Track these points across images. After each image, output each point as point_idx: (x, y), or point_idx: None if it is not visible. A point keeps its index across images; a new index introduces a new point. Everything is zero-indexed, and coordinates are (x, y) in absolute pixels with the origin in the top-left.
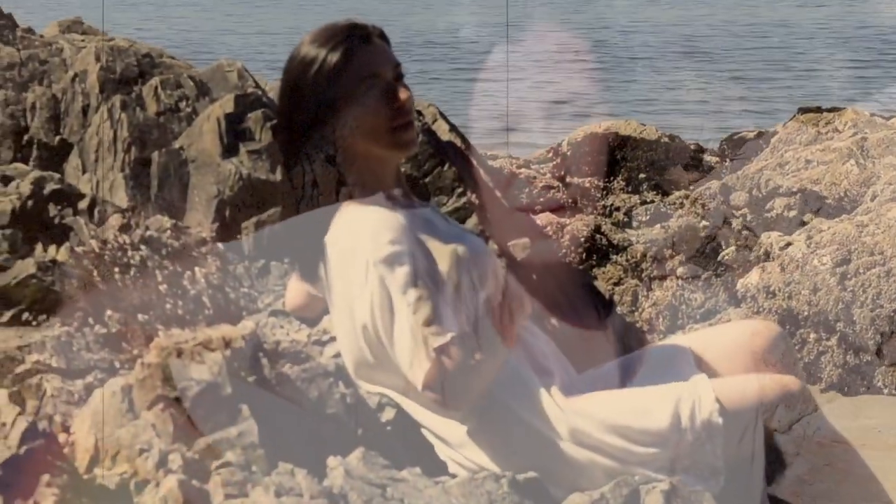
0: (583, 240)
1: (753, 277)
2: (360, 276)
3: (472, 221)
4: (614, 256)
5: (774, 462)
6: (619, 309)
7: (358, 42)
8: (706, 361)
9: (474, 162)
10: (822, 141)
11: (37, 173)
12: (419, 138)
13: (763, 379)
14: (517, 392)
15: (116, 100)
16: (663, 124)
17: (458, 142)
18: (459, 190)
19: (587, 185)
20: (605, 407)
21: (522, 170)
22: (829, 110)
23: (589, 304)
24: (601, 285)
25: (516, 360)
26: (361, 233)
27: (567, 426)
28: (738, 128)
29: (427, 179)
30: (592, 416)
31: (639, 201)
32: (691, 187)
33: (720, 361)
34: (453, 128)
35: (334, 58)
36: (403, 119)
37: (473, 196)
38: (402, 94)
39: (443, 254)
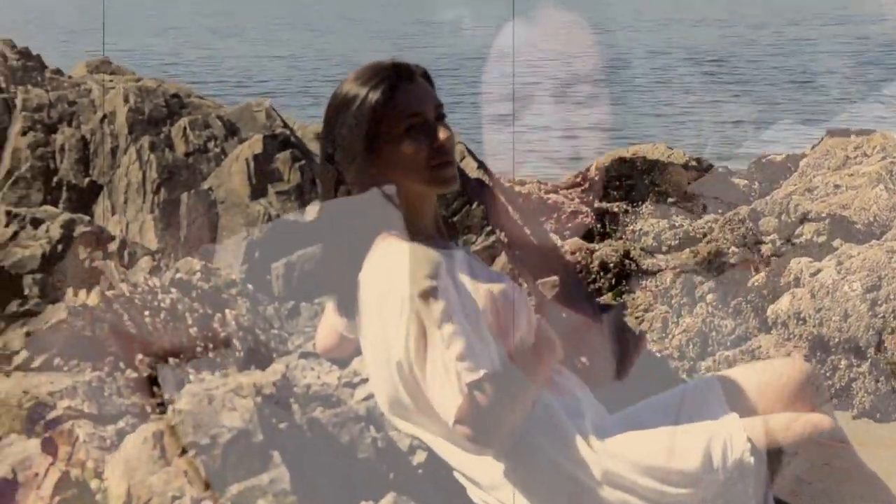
0: (612, 265)
1: (784, 304)
2: (395, 310)
3: (502, 260)
4: (644, 282)
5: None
6: (649, 336)
7: (400, 81)
8: (737, 400)
9: (503, 199)
10: (851, 165)
11: (66, 216)
12: (458, 177)
13: (795, 418)
14: (550, 434)
15: (145, 141)
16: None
17: (486, 179)
18: (488, 228)
19: (615, 209)
20: (637, 448)
21: (550, 195)
22: (858, 133)
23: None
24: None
25: (548, 402)
26: (398, 267)
27: (600, 468)
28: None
29: (456, 218)
30: (625, 457)
31: (668, 226)
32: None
33: (751, 400)
34: (481, 165)
35: (375, 95)
36: (442, 158)
37: (502, 234)
38: (443, 134)
39: (477, 293)
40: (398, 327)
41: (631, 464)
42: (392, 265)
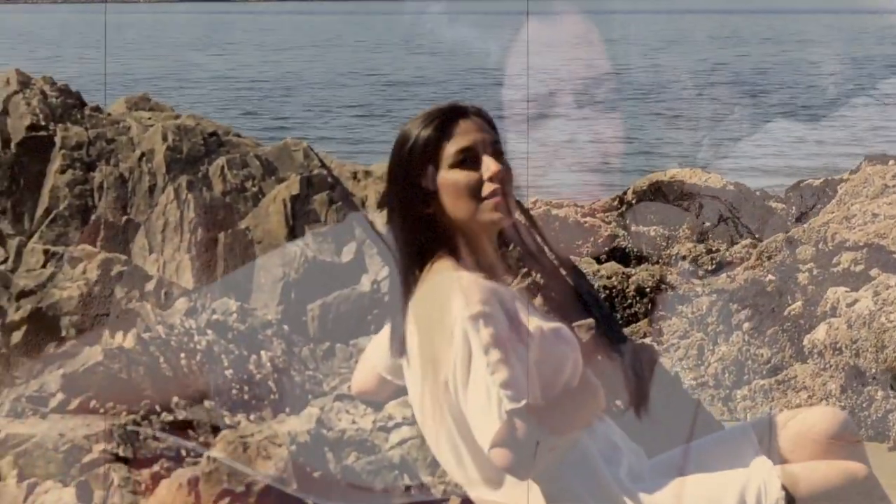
0: (648, 290)
1: (820, 333)
2: (447, 330)
3: (538, 302)
4: (680, 308)
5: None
6: (684, 363)
7: (452, 118)
8: (772, 448)
9: (539, 240)
10: (889, 194)
11: (104, 255)
12: (513, 211)
13: (829, 466)
14: (586, 481)
15: (183, 180)
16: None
17: (523, 220)
18: (524, 270)
19: (652, 233)
20: (671, 495)
21: (587, 218)
22: None
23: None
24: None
25: (586, 448)
26: (452, 290)
27: None
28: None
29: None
30: None
31: (704, 250)
32: (756, 236)
33: (786, 448)
34: (518, 205)
35: (427, 133)
36: (492, 189)
37: (538, 276)
38: (493, 166)
39: (530, 327)
40: (449, 346)
41: None
42: (446, 288)
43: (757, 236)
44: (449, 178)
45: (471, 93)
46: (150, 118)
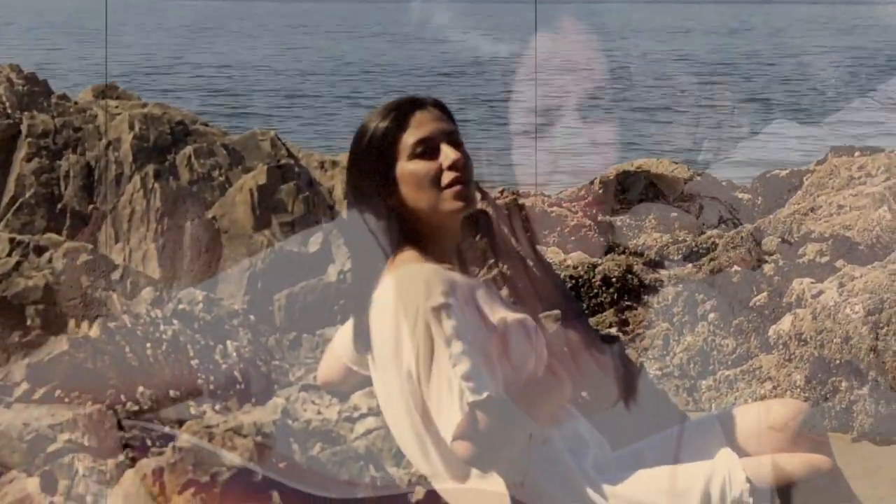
0: (614, 280)
1: (785, 324)
2: (410, 322)
3: (504, 293)
4: (646, 298)
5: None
6: (650, 353)
7: (408, 110)
8: (736, 440)
9: (506, 231)
10: (855, 185)
11: (70, 244)
12: (474, 199)
13: (793, 458)
14: (550, 471)
15: (150, 169)
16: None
17: (489, 210)
18: (491, 261)
19: (619, 223)
20: (636, 487)
21: (554, 208)
22: (863, 152)
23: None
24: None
25: (551, 439)
26: (415, 282)
27: None
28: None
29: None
30: (624, 496)
31: (670, 240)
32: (722, 226)
33: (750, 440)
34: (485, 195)
35: (384, 125)
36: (451, 178)
37: (505, 267)
38: (451, 155)
39: (493, 319)
40: (411, 338)
41: (630, 503)
42: (409, 281)
43: (723, 225)
44: (408, 169)
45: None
46: (117, 107)
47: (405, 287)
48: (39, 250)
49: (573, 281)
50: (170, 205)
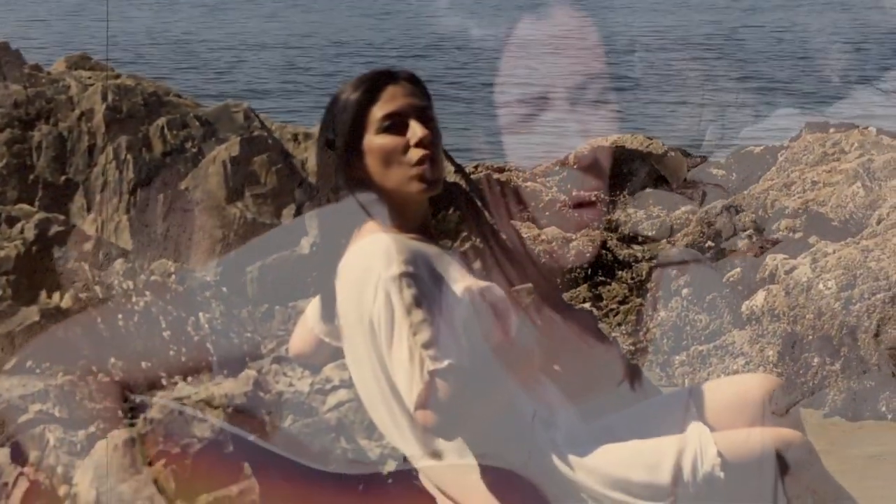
0: (588, 255)
1: (758, 300)
2: (370, 292)
3: (477, 266)
4: (620, 273)
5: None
6: (623, 328)
7: (380, 83)
8: (708, 414)
9: (479, 204)
10: (829, 162)
11: (42, 215)
12: (440, 178)
13: (764, 432)
14: (520, 443)
15: (122, 140)
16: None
17: (463, 184)
18: (464, 234)
19: (593, 199)
20: (607, 460)
21: (528, 183)
22: (837, 128)
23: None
24: (605, 304)
25: (521, 411)
26: (376, 251)
27: (570, 481)
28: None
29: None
30: (595, 469)
31: (644, 216)
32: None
33: (722, 414)
34: (459, 169)
35: (355, 97)
36: (418, 154)
37: (478, 240)
38: (419, 132)
39: (457, 288)
40: (373, 307)
41: (601, 476)
42: (371, 250)
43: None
44: (375, 143)
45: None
46: (89, 77)
47: (366, 256)
48: (11, 221)
49: (547, 256)
50: (142, 176)
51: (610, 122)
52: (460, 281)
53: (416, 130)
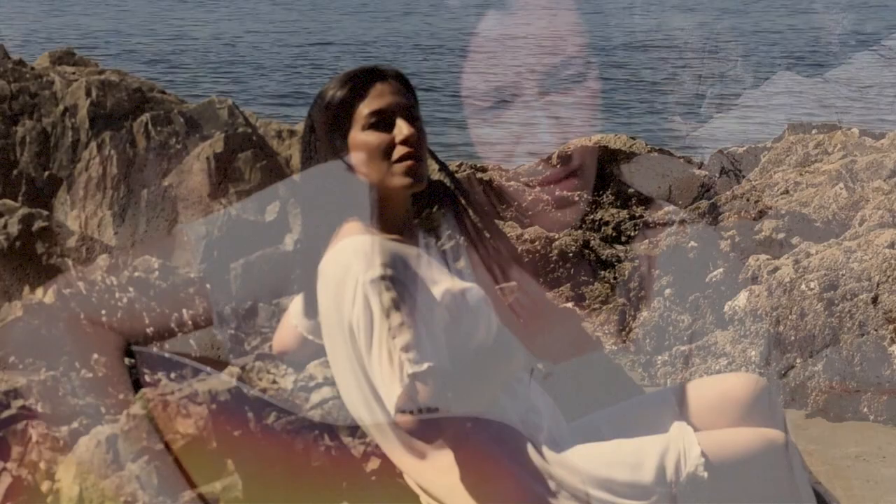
0: (571, 255)
1: (741, 300)
2: (349, 296)
3: (461, 264)
4: (602, 273)
5: None
6: (606, 328)
7: (368, 80)
8: (691, 414)
9: (463, 202)
10: (812, 163)
11: (25, 210)
12: (424, 176)
13: (748, 432)
14: (504, 446)
15: (106, 136)
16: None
17: (447, 182)
18: (448, 232)
19: (576, 198)
20: (591, 460)
21: (511, 182)
22: (820, 129)
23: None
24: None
25: (504, 411)
26: (355, 254)
27: (553, 480)
28: None
29: (416, 221)
30: (579, 469)
31: (627, 216)
32: (679, 203)
33: (705, 414)
34: (443, 167)
35: (342, 93)
36: (403, 152)
37: (462, 239)
38: (405, 130)
39: (436, 290)
40: (353, 310)
41: (584, 476)
42: (350, 253)
43: (680, 202)
44: (360, 139)
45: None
46: (74, 73)
47: (345, 259)
48: None
49: (530, 255)
50: (126, 172)
51: (591, 116)
52: (441, 282)
53: (402, 128)
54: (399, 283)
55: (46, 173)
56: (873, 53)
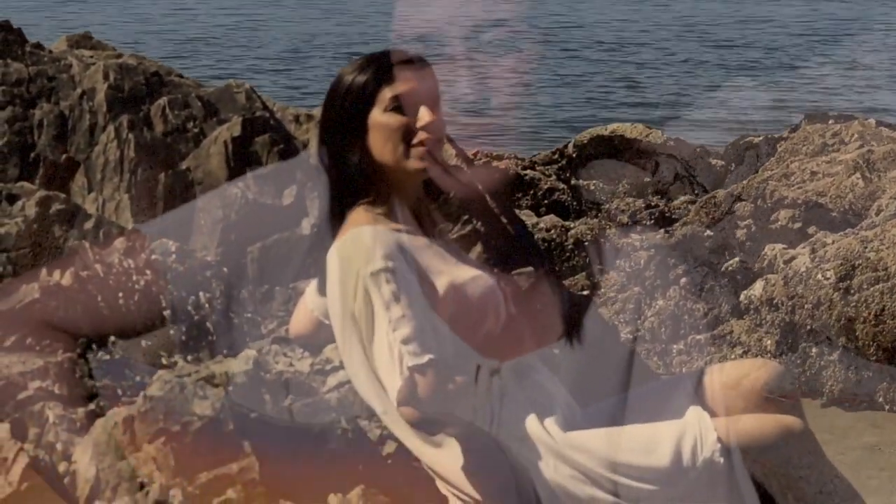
0: (586, 244)
1: (757, 289)
2: (351, 288)
3: (477, 249)
4: (618, 262)
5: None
6: (621, 316)
7: (389, 65)
8: (707, 399)
9: (480, 189)
10: (829, 153)
11: (42, 193)
12: (440, 163)
13: (765, 418)
14: (515, 431)
15: (124, 119)
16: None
17: (464, 167)
18: (465, 217)
19: (592, 188)
20: (607, 444)
21: (527, 171)
22: (837, 119)
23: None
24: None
25: (516, 397)
26: (357, 247)
27: (568, 464)
28: None
29: (433, 206)
30: (594, 452)
31: (643, 205)
32: (696, 192)
33: (721, 400)
34: (460, 153)
35: (362, 79)
36: (422, 138)
37: (479, 224)
38: (427, 116)
39: (442, 281)
40: (355, 301)
41: (600, 459)
42: (352, 245)
43: (696, 192)
44: (380, 120)
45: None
46: (91, 56)
47: (348, 251)
48: (12, 198)
49: (546, 244)
50: (143, 155)
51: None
52: (447, 273)
53: (424, 115)
54: (400, 274)
55: (64, 156)
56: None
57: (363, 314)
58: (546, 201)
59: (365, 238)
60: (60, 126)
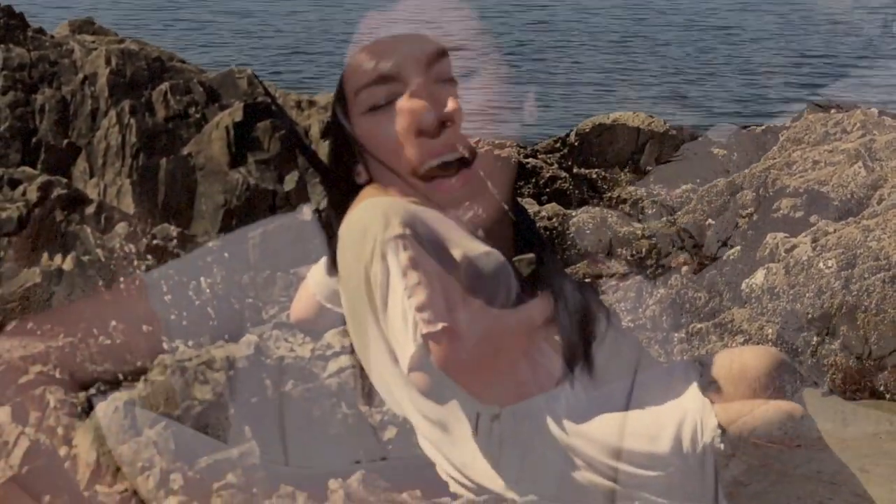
0: (588, 233)
1: (758, 278)
2: (367, 255)
3: (480, 235)
4: (619, 250)
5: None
6: (623, 305)
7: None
8: (709, 386)
9: (481, 174)
10: (831, 141)
11: (44, 178)
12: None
13: (766, 404)
14: (518, 412)
15: (126, 104)
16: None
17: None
18: (466, 203)
19: (594, 176)
20: (608, 430)
21: (530, 159)
22: (839, 108)
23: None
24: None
25: (521, 380)
26: (374, 214)
27: (570, 449)
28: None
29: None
30: (595, 439)
31: (645, 194)
32: (697, 181)
33: (722, 387)
34: (463, 140)
35: (388, 65)
36: (444, 121)
37: (480, 209)
38: (450, 104)
39: (456, 252)
40: (370, 269)
41: (601, 445)
42: (369, 213)
43: (697, 180)
44: (405, 105)
45: None
46: (93, 42)
47: (364, 219)
48: (14, 183)
49: (547, 232)
50: (145, 140)
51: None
52: (461, 245)
53: (448, 102)
54: (417, 242)
55: (66, 141)
56: None
57: (379, 280)
58: (548, 189)
59: (382, 206)
60: (62, 111)
